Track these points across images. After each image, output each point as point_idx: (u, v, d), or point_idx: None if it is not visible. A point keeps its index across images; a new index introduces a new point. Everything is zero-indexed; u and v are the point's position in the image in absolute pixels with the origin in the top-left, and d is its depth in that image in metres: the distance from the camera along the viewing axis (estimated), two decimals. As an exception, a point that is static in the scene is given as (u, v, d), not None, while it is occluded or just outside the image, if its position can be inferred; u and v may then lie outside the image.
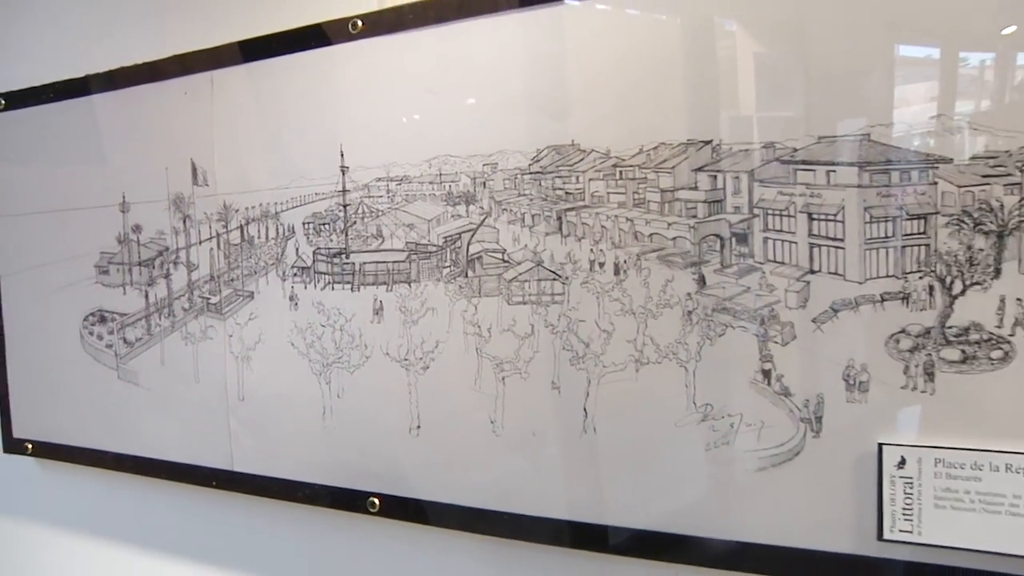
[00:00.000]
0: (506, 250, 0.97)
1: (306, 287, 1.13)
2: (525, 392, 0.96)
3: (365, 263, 1.08)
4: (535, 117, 0.93)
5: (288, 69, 1.10)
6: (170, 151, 1.23)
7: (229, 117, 1.17)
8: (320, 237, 1.11)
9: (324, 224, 1.11)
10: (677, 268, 0.87)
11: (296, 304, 1.14)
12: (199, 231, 1.23)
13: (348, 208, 1.08)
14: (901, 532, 0.76)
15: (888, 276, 0.77)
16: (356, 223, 1.08)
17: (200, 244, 1.23)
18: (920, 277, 0.75)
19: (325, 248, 1.11)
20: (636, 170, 0.88)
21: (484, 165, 0.97)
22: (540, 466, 0.96)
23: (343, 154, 1.07)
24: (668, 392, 0.87)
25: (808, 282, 0.80)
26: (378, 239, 1.07)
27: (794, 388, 0.81)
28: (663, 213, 0.87)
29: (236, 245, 1.19)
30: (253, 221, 1.17)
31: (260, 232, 1.17)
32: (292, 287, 1.14)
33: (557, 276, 0.94)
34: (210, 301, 1.22)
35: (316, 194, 1.10)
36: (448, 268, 1.01)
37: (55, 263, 1.39)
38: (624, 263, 0.90)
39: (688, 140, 0.85)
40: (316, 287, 1.12)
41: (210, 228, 1.22)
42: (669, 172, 0.86)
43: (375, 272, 1.07)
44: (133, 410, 1.32)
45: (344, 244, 1.09)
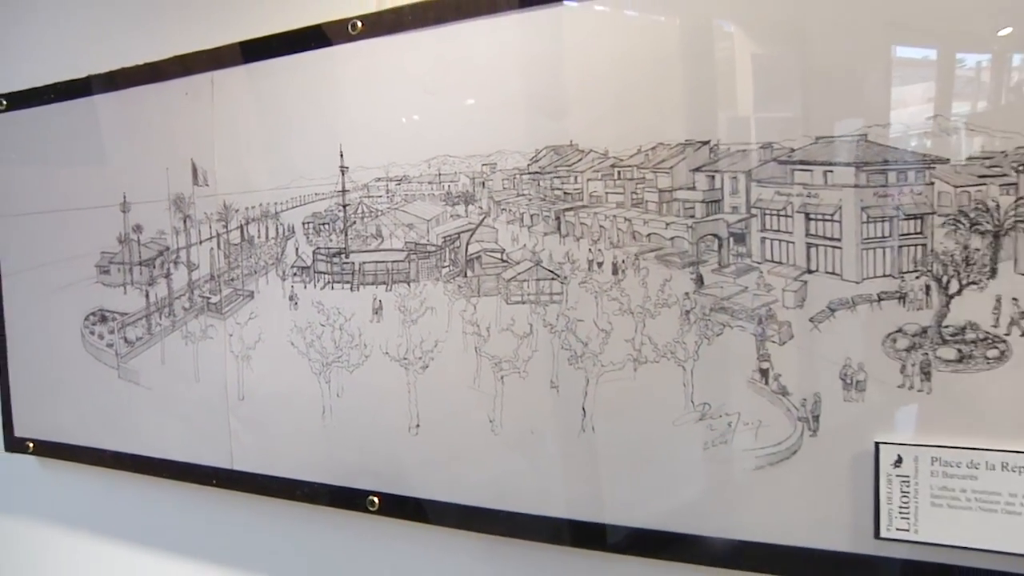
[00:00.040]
0: (505, 250, 0.97)
1: (306, 287, 1.13)
2: (524, 391, 0.96)
3: (364, 263, 1.08)
4: (534, 117, 0.93)
5: (288, 70, 1.11)
6: (171, 151, 1.23)
7: (229, 117, 1.17)
8: (320, 237, 1.11)
9: (324, 224, 1.11)
10: (675, 268, 0.87)
11: (296, 304, 1.14)
12: (199, 231, 1.23)
13: (348, 208, 1.08)
14: (898, 530, 0.76)
15: (885, 276, 0.77)
16: (356, 223, 1.08)
17: (200, 244, 1.23)
18: (917, 277, 0.76)
19: (325, 248, 1.11)
20: (634, 170, 0.88)
21: (483, 165, 0.97)
22: (539, 465, 0.96)
23: (343, 154, 1.08)
24: (666, 391, 0.87)
25: (805, 282, 0.80)
26: (377, 239, 1.07)
27: (791, 387, 0.81)
28: (661, 213, 0.87)
29: (236, 245, 1.19)
30: (253, 221, 1.17)
31: (260, 232, 1.17)
32: (292, 287, 1.14)
33: (556, 276, 0.94)
34: (210, 301, 1.23)
35: (316, 194, 1.11)
36: (447, 268, 1.02)
37: (56, 263, 1.39)
38: (622, 263, 0.90)
39: (686, 140, 0.85)
40: (316, 287, 1.12)
41: (210, 228, 1.22)
42: (667, 172, 0.86)
43: (374, 272, 1.07)
44: (134, 409, 1.33)
45: (344, 244, 1.09)
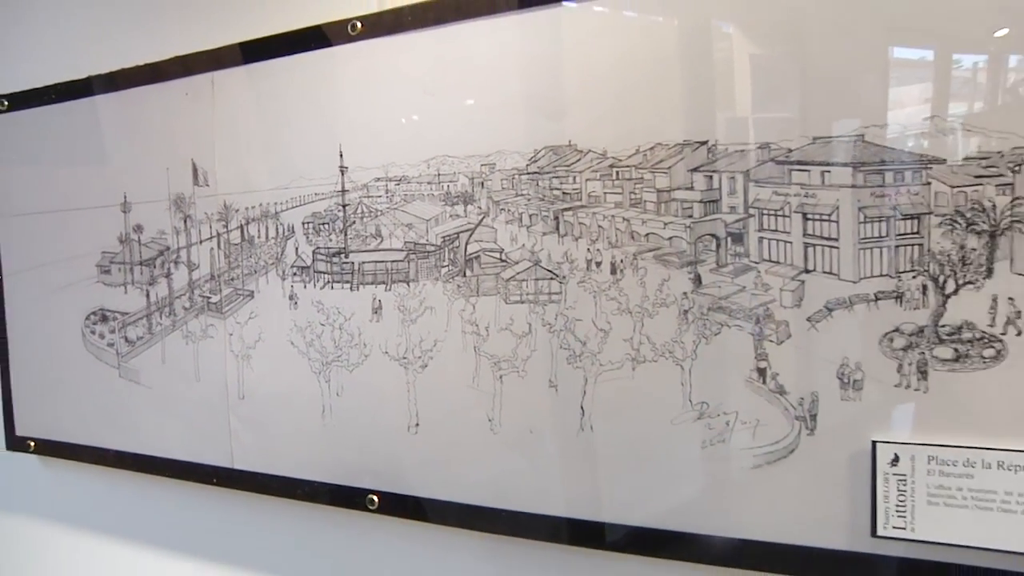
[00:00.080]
0: (504, 250, 0.98)
1: (306, 286, 1.13)
2: (523, 390, 0.96)
3: (364, 262, 1.08)
4: (533, 118, 0.94)
5: (288, 70, 1.11)
6: (171, 151, 1.24)
7: (230, 118, 1.17)
8: (319, 237, 1.12)
9: (323, 224, 1.11)
10: (673, 267, 0.87)
11: (296, 303, 1.15)
12: (200, 231, 1.23)
13: (347, 208, 1.09)
14: (895, 529, 0.77)
15: (882, 275, 0.77)
16: (355, 223, 1.09)
17: (201, 244, 1.24)
18: (913, 276, 0.76)
19: (324, 248, 1.11)
20: (633, 170, 0.88)
21: (482, 165, 0.98)
22: (537, 464, 0.96)
23: (342, 154, 1.08)
24: (664, 390, 0.88)
25: (803, 281, 0.81)
26: (377, 239, 1.07)
27: (789, 386, 0.82)
28: (659, 213, 0.88)
29: (236, 245, 1.20)
30: (253, 221, 1.18)
31: (260, 232, 1.17)
32: (292, 286, 1.15)
33: (554, 275, 0.94)
34: (210, 300, 1.23)
35: (315, 194, 1.11)
36: (446, 267, 1.02)
37: (57, 263, 1.39)
38: (621, 262, 0.90)
39: (684, 141, 0.85)
40: (315, 286, 1.12)
41: (210, 228, 1.22)
42: (665, 172, 0.87)
43: (374, 271, 1.07)
44: (134, 408, 1.33)
45: (343, 244, 1.10)
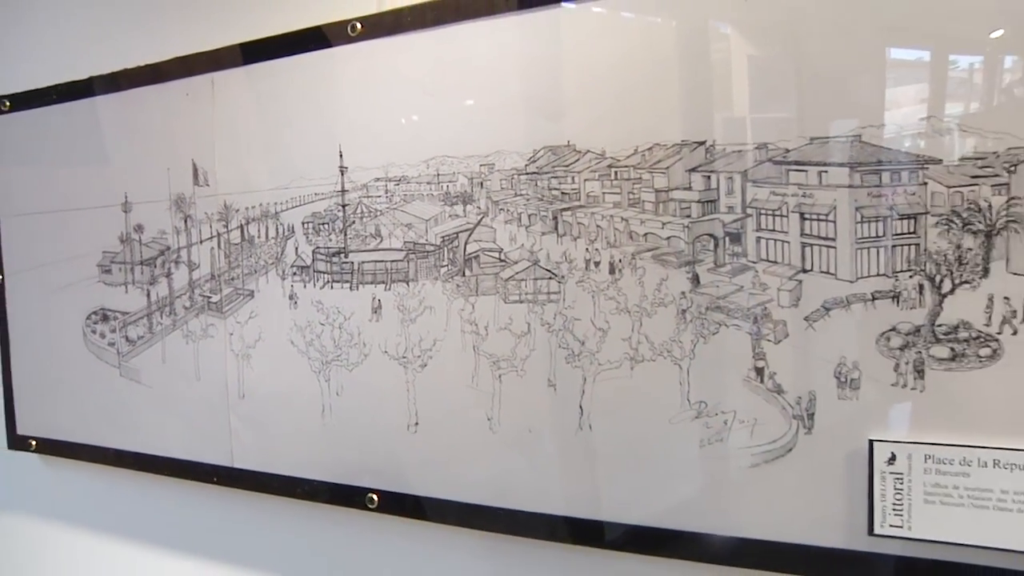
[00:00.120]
0: (503, 249, 0.98)
1: (305, 286, 1.14)
2: (521, 389, 0.97)
3: (364, 262, 1.08)
4: (532, 118, 0.94)
5: (288, 71, 1.11)
6: (171, 152, 1.24)
7: (230, 118, 1.18)
8: (319, 236, 1.12)
9: (323, 224, 1.12)
10: (671, 267, 0.87)
11: (296, 303, 1.15)
12: (200, 231, 1.23)
13: (347, 208, 1.09)
14: (891, 527, 0.77)
15: (879, 275, 0.77)
16: (355, 223, 1.09)
17: (201, 243, 1.24)
18: (910, 276, 0.76)
19: (324, 247, 1.12)
20: (631, 170, 0.89)
21: (481, 166, 0.98)
22: (536, 463, 0.96)
23: (342, 155, 1.08)
24: (662, 389, 0.88)
25: (800, 281, 0.81)
26: (376, 238, 1.08)
27: (787, 385, 0.82)
28: (658, 213, 0.88)
29: (236, 244, 1.20)
30: (253, 221, 1.18)
31: (260, 232, 1.18)
32: (292, 286, 1.15)
33: (553, 275, 0.95)
34: (211, 300, 1.23)
35: (315, 194, 1.11)
36: (446, 267, 1.02)
37: (58, 262, 1.40)
38: (619, 262, 0.90)
39: (682, 141, 0.86)
40: (315, 286, 1.13)
41: (211, 228, 1.22)
42: (663, 172, 0.87)
43: (373, 271, 1.08)
44: (135, 407, 1.33)
45: (343, 243, 1.10)
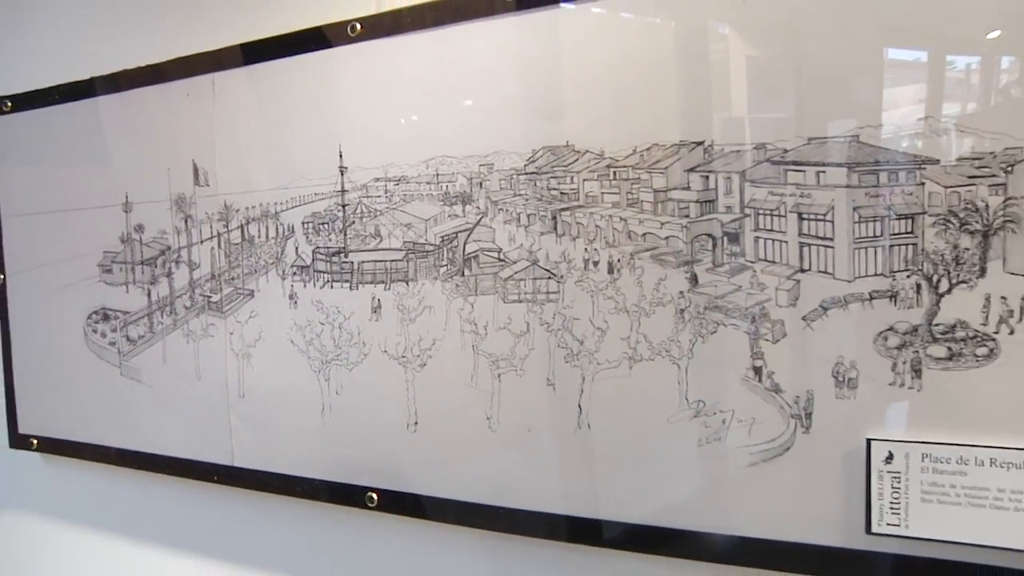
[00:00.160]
0: (502, 249, 0.98)
1: (305, 286, 1.14)
2: (520, 389, 0.97)
3: (363, 262, 1.09)
4: (531, 119, 0.94)
5: (288, 71, 1.11)
6: (172, 152, 1.24)
7: (230, 118, 1.18)
8: (319, 236, 1.12)
9: (323, 224, 1.12)
10: (670, 267, 0.88)
11: (296, 302, 1.15)
12: (200, 230, 1.24)
13: (347, 208, 1.09)
14: (889, 526, 0.77)
15: (876, 275, 0.78)
16: (354, 223, 1.09)
17: (201, 243, 1.24)
18: (908, 276, 0.76)
19: (324, 247, 1.12)
20: (630, 171, 0.89)
21: (480, 166, 0.98)
22: (535, 462, 0.97)
23: (342, 155, 1.09)
24: (661, 389, 0.88)
25: (798, 281, 0.81)
26: (376, 238, 1.08)
27: (784, 385, 0.82)
28: (656, 213, 0.88)
29: (237, 244, 1.20)
30: (253, 221, 1.18)
31: (260, 231, 1.18)
32: (292, 286, 1.15)
33: (552, 275, 0.95)
34: (211, 299, 1.24)
35: (315, 194, 1.12)
36: (445, 267, 1.03)
37: (60, 262, 1.40)
38: (618, 262, 0.91)
39: (681, 141, 0.86)
40: (315, 286, 1.13)
41: (211, 228, 1.23)
42: (662, 173, 0.87)
43: (373, 271, 1.08)
44: (135, 406, 1.34)
45: (343, 243, 1.10)
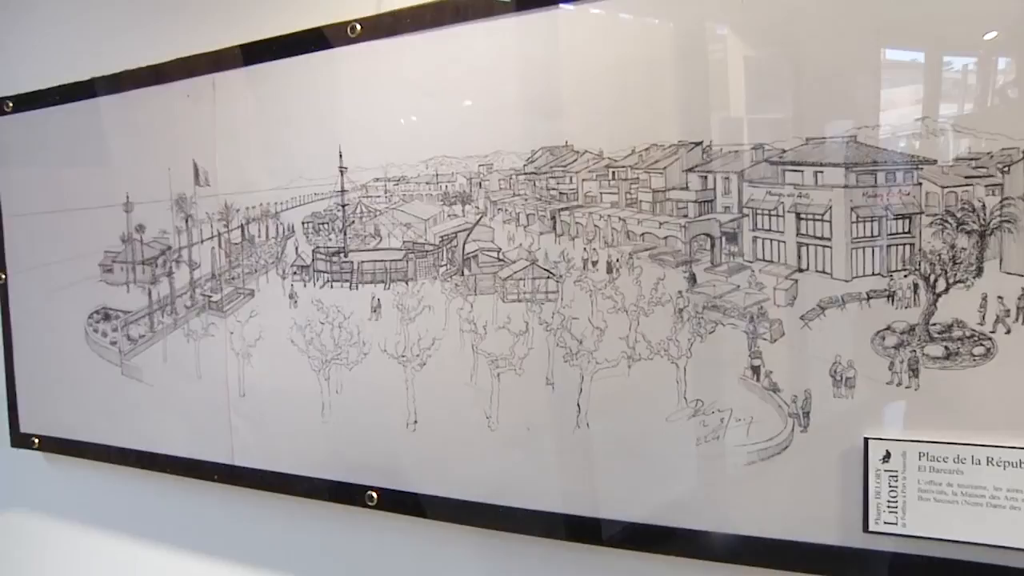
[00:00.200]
0: (501, 249, 0.99)
1: (305, 285, 1.14)
2: (520, 388, 0.97)
3: (363, 262, 1.09)
4: (530, 119, 0.95)
5: (288, 72, 1.12)
6: (173, 152, 1.25)
7: (230, 119, 1.18)
8: (319, 236, 1.13)
9: (323, 223, 1.12)
10: (668, 267, 0.88)
11: (296, 302, 1.16)
12: (201, 230, 1.24)
13: (346, 208, 1.10)
14: (886, 524, 0.77)
15: (874, 274, 0.78)
16: (354, 222, 1.10)
17: (202, 243, 1.25)
18: (905, 275, 0.77)
19: (324, 247, 1.12)
20: (628, 171, 0.89)
21: (480, 166, 0.99)
22: (534, 460, 0.97)
23: (342, 155, 1.09)
24: (659, 388, 0.88)
25: (796, 280, 0.81)
26: (376, 238, 1.08)
27: (782, 384, 0.83)
28: (655, 213, 0.88)
29: (237, 244, 1.21)
30: (253, 221, 1.19)
31: (260, 231, 1.18)
32: (292, 285, 1.16)
33: (551, 274, 0.95)
34: (211, 299, 1.24)
35: (315, 194, 1.12)
36: (444, 267, 1.03)
37: (61, 262, 1.40)
38: (617, 262, 0.91)
39: (679, 141, 0.86)
40: (315, 285, 1.13)
41: (211, 227, 1.23)
42: (661, 173, 0.88)
43: (373, 270, 1.08)
44: (136, 406, 1.34)
45: (343, 243, 1.11)
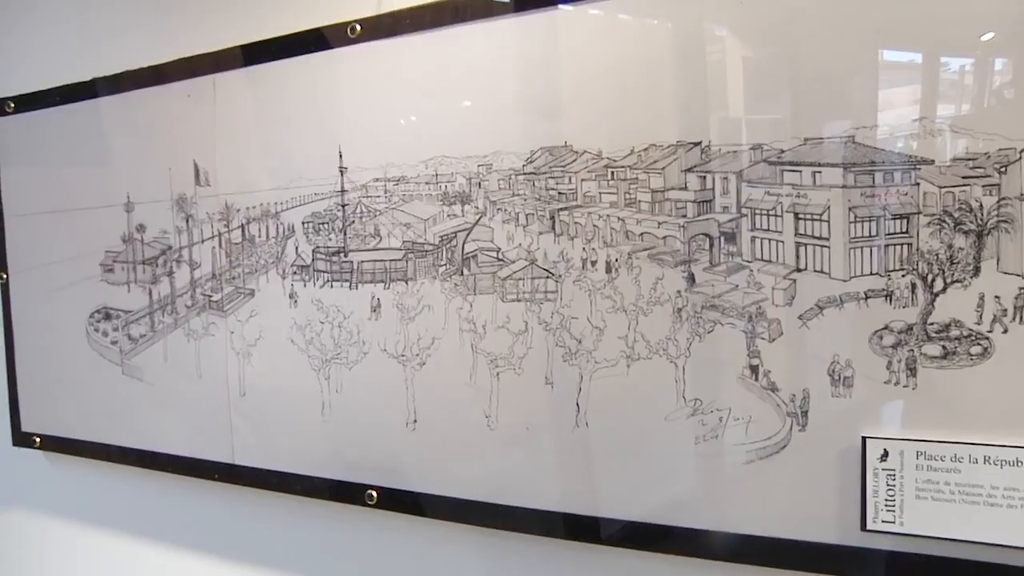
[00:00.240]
0: (500, 249, 0.99)
1: (305, 285, 1.15)
2: (519, 387, 0.98)
3: (363, 261, 1.09)
4: (529, 119, 0.95)
5: (288, 72, 1.12)
6: (173, 152, 1.25)
7: (231, 119, 1.19)
8: (319, 236, 1.13)
9: (323, 223, 1.12)
10: (667, 266, 0.88)
11: (296, 302, 1.16)
12: (201, 230, 1.24)
13: (346, 208, 1.10)
14: (884, 523, 0.78)
15: (872, 274, 0.78)
16: (354, 222, 1.10)
17: (202, 243, 1.25)
18: (903, 275, 0.77)
19: (324, 247, 1.13)
20: (627, 171, 0.90)
21: (479, 166, 0.99)
22: (534, 460, 0.97)
23: (342, 155, 1.09)
24: (658, 387, 0.89)
25: (794, 280, 0.81)
26: (376, 238, 1.09)
27: (781, 383, 0.83)
28: (654, 213, 0.89)
29: (237, 244, 1.21)
30: (254, 220, 1.19)
31: (261, 231, 1.19)
32: (292, 285, 1.16)
33: (550, 274, 0.95)
34: (212, 299, 1.24)
35: (315, 194, 1.12)
36: (444, 266, 1.03)
37: (62, 262, 1.41)
38: (615, 261, 0.91)
39: (678, 142, 0.86)
40: (315, 285, 1.14)
41: (212, 227, 1.23)
42: (659, 173, 0.88)
43: (373, 270, 1.09)
44: (137, 405, 1.34)
45: (342, 243, 1.11)
